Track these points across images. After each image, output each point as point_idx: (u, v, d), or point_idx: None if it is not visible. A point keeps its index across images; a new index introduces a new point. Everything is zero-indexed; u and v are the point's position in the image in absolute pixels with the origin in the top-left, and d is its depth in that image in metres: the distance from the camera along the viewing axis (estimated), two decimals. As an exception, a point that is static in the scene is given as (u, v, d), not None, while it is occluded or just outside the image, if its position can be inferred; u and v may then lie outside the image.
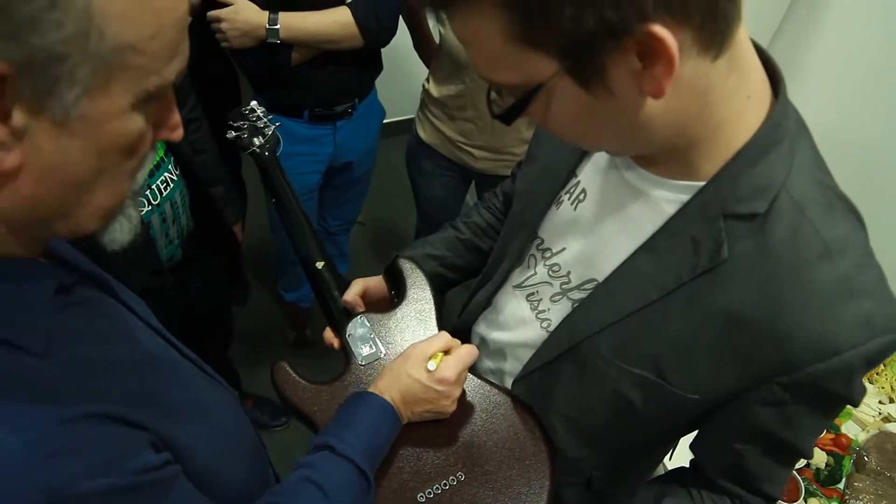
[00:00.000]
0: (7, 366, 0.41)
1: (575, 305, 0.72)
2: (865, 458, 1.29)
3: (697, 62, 0.49)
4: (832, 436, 1.33)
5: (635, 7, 0.43)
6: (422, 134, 1.75)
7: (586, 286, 0.71)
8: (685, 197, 0.60)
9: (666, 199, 0.61)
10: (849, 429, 1.37)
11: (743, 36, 0.53)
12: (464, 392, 0.85)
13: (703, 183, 0.58)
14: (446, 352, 0.82)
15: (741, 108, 0.55)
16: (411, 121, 1.85)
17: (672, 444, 0.89)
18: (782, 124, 0.55)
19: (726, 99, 0.53)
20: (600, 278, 0.69)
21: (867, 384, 1.45)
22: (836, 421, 1.37)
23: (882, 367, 1.46)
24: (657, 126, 0.52)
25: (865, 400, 1.42)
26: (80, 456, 0.40)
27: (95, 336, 0.51)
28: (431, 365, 0.79)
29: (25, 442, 0.38)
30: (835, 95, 1.64)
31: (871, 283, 0.55)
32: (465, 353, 0.81)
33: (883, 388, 1.43)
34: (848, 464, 1.30)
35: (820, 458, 1.29)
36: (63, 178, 0.41)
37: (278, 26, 1.37)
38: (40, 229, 0.44)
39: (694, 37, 0.46)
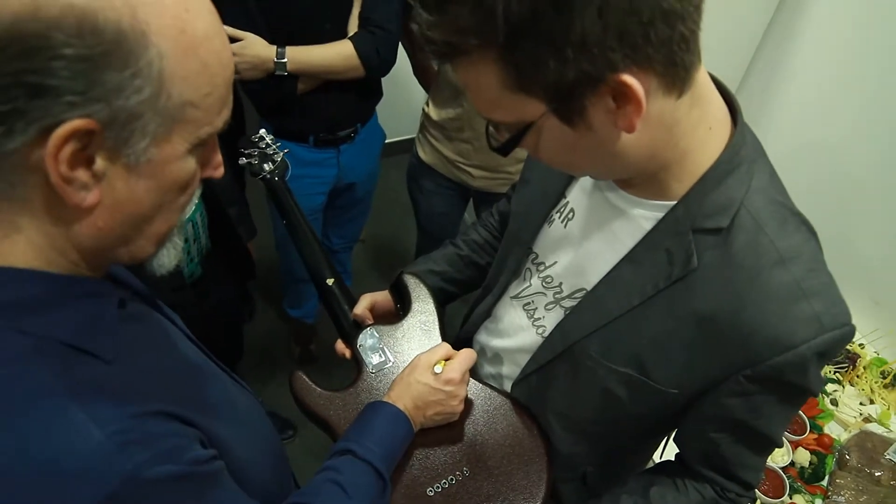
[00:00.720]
0: (87, 371, 0.48)
1: (567, 312, 0.80)
2: (847, 457, 1.36)
3: (663, 101, 0.57)
4: (815, 436, 1.40)
5: (607, 61, 0.51)
6: (422, 154, 1.83)
7: (576, 294, 0.79)
8: (660, 214, 0.68)
9: (643, 216, 0.70)
10: (831, 429, 1.45)
11: (703, 75, 0.62)
12: (467, 396, 0.92)
13: (674, 202, 0.66)
14: (447, 359, 0.90)
15: (704, 138, 0.63)
16: (410, 141, 1.93)
17: (658, 441, 0.96)
18: (740, 151, 0.64)
19: (690, 130, 0.62)
20: (589, 287, 0.77)
21: (848, 386, 1.52)
22: (819, 422, 1.44)
23: (862, 370, 1.54)
24: (631, 155, 0.61)
25: (847, 401, 1.50)
26: (148, 446, 0.47)
27: (149, 345, 0.59)
28: (437, 369, 0.87)
29: (106, 434, 0.45)
30: (813, 109, 1.74)
31: (820, 285, 0.63)
32: (466, 356, 0.90)
33: (863, 389, 1.51)
34: (831, 462, 1.37)
35: (804, 456, 1.36)
36: (129, 212, 0.49)
37: (286, 59, 1.46)
38: (106, 255, 0.52)
39: (658, 81, 0.55)
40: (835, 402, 1.48)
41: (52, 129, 0.41)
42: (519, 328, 0.91)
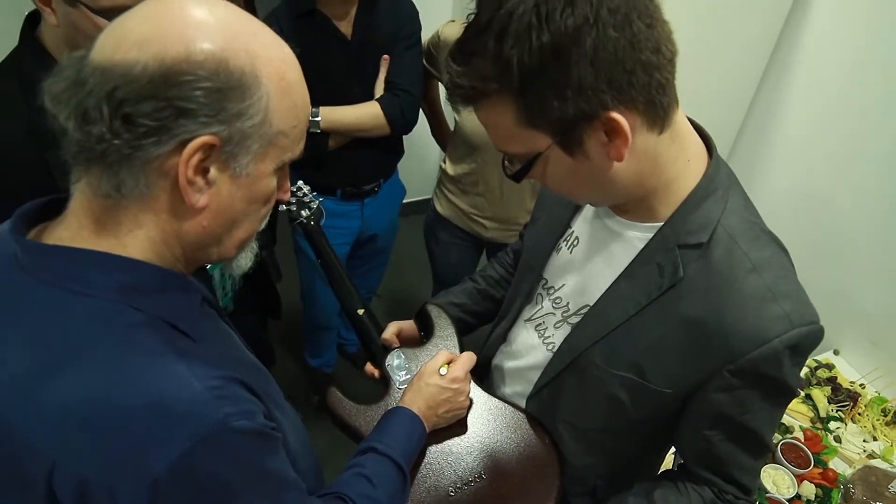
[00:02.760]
0: (183, 343, 0.59)
1: (573, 327, 0.91)
2: (851, 490, 1.41)
3: (647, 136, 0.70)
4: (820, 470, 1.45)
5: (599, 101, 0.65)
6: (439, 208, 1.97)
7: (581, 311, 0.90)
8: (649, 234, 0.80)
9: (636, 237, 0.81)
10: (836, 465, 1.49)
11: (681, 117, 0.75)
12: (485, 410, 1.02)
13: (661, 223, 0.78)
14: (449, 363, 1.01)
15: (684, 168, 0.76)
16: (424, 202, 2.08)
17: (662, 456, 1.04)
18: (715, 179, 0.76)
19: (672, 161, 0.74)
20: (591, 303, 0.87)
21: (851, 424, 1.58)
22: (824, 457, 1.49)
23: (863, 408, 1.60)
24: (622, 181, 0.73)
25: (850, 438, 1.55)
26: (234, 403, 0.57)
27: (219, 338, 0.70)
28: (443, 371, 0.98)
29: (203, 387, 0.55)
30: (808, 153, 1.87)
31: (789, 289, 0.74)
32: (466, 357, 1.02)
33: (865, 426, 1.56)
34: (836, 496, 1.41)
35: (809, 489, 1.41)
36: (226, 216, 0.61)
37: (319, 118, 1.63)
38: (201, 253, 0.64)
39: (641, 119, 0.68)
40: (838, 439, 1.53)
41: (187, 141, 0.54)
42: (531, 347, 1.01)
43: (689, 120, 0.79)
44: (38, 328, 0.56)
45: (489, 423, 1.01)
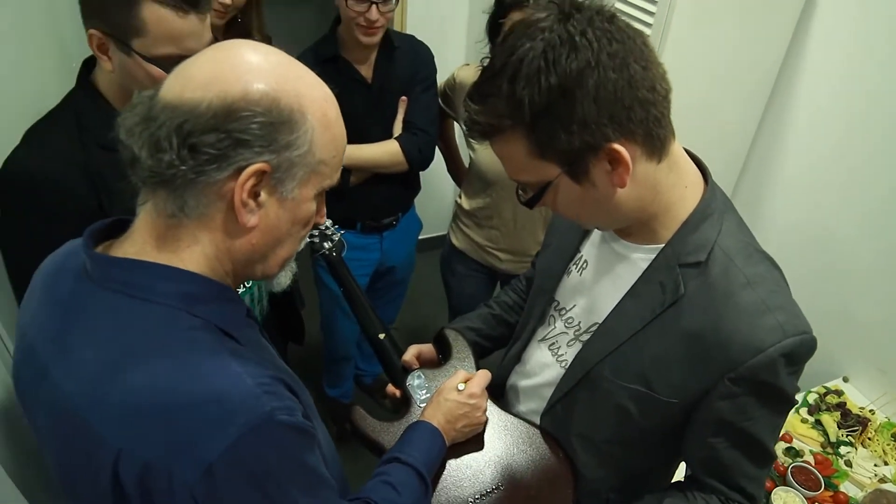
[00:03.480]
0: (234, 345, 0.67)
1: (584, 344, 0.97)
2: (864, 513, 1.43)
3: (646, 165, 0.78)
4: (831, 493, 1.47)
5: (602, 133, 0.73)
6: (455, 241, 2.05)
7: (591, 329, 0.96)
8: (652, 256, 0.87)
9: (640, 258, 0.88)
10: (847, 489, 1.51)
11: (678, 148, 0.83)
12: (502, 426, 1.07)
13: (662, 245, 0.85)
14: (467, 381, 1.07)
15: (682, 194, 0.83)
16: (439, 238, 2.15)
17: (672, 470, 1.08)
18: (711, 204, 0.84)
19: (670, 188, 0.82)
20: (600, 320, 0.94)
21: (861, 448, 1.60)
22: (835, 481, 1.51)
23: (873, 433, 1.62)
24: (625, 206, 0.81)
25: (861, 462, 1.57)
26: (278, 398, 0.64)
27: (261, 346, 0.78)
28: (461, 387, 1.04)
29: (254, 383, 0.62)
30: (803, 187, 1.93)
31: (782, 302, 0.80)
32: (482, 375, 1.08)
33: (875, 451, 1.59)
34: (848, 519, 1.44)
35: (822, 513, 1.43)
36: (272, 236, 0.69)
37: (342, 156, 1.72)
38: (248, 269, 0.72)
39: (641, 150, 0.76)
40: (849, 464, 1.56)
41: (243, 168, 0.62)
42: (544, 366, 1.07)
43: (686, 151, 0.87)
44: (107, 330, 0.64)
45: (506, 438, 1.07)
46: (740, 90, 1.85)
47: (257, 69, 0.64)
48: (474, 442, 1.06)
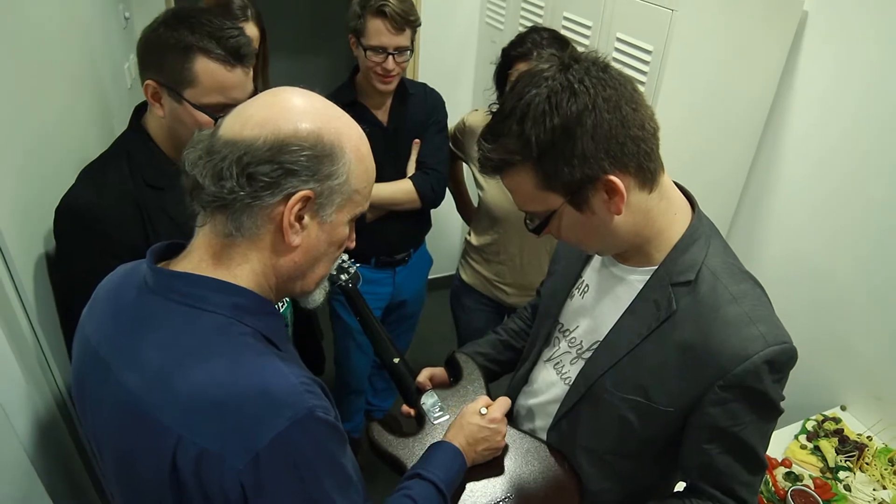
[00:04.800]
0: (277, 353, 0.76)
1: (586, 361, 1.05)
2: (864, 535, 1.47)
3: (639, 195, 0.88)
4: (831, 516, 1.52)
5: (599, 166, 0.83)
6: (464, 276, 2.15)
7: (593, 346, 1.05)
8: (647, 277, 0.96)
9: (637, 279, 0.98)
10: (847, 512, 1.56)
11: (667, 179, 0.93)
12: (511, 443, 1.15)
13: (656, 266, 0.95)
14: (488, 406, 1.14)
15: (672, 220, 0.93)
16: (447, 277, 2.23)
17: (671, 481, 1.15)
18: (699, 229, 0.94)
19: (661, 215, 0.92)
20: (601, 338, 1.02)
21: (859, 473, 1.65)
22: (835, 504, 1.56)
23: (871, 458, 1.67)
24: (622, 232, 0.91)
25: (860, 487, 1.62)
26: (316, 397, 0.73)
27: (291, 355, 0.86)
28: (483, 411, 1.11)
29: (298, 381, 0.71)
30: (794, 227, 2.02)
31: (764, 315, 0.89)
32: (503, 401, 1.15)
33: (873, 475, 1.63)
34: (849, 541, 1.48)
35: (822, 534, 1.48)
36: (311, 255, 0.79)
37: (358, 194, 1.84)
38: (288, 285, 0.81)
39: (634, 180, 0.86)
40: (848, 488, 1.60)
41: (291, 194, 0.73)
42: (550, 384, 1.15)
43: (675, 182, 0.97)
44: (167, 334, 0.73)
45: (514, 452, 1.14)
46: (733, 129, 1.97)
47: (304, 111, 0.75)
48: (490, 462, 1.13)
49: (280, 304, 1.52)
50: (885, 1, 1.66)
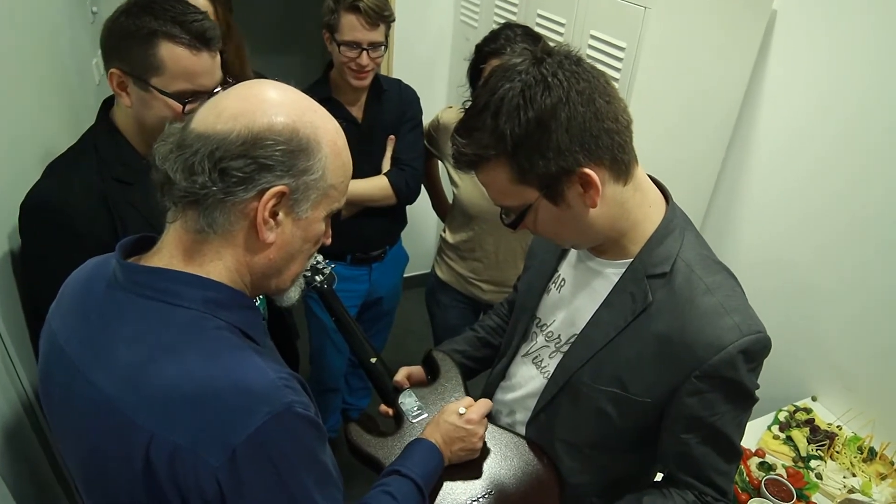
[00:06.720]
0: (254, 345, 0.74)
1: (564, 354, 1.05)
2: (834, 522, 1.50)
3: (614, 187, 0.88)
4: (803, 503, 1.55)
5: (574, 159, 0.83)
6: (439, 273, 2.14)
7: (571, 339, 1.05)
8: (622, 270, 0.96)
9: (613, 272, 0.98)
10: (819, 500, 1.59)
11: (641, 172, 0.93)
12: (490, 439, 1.14)
13: (631, 259, 0.95)
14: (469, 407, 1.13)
15: (647, 213, 0.94)
16: (423, 275, 2.23)
17: (650, 473, 1.15)
18: (673, 221, 0.94)
19: (636, 207, 0.92)
20: (579, 331, 1.03)
21: (830, 462, 1.69)
22: (807, 493, 1.59)
23: (841, 446, 1.71)
24: (597, 225, 0.91)
25: (831, 475, 1.65)
26: (295, 393, 0.71)
27: (270, 350, 0.85)
28: (462, 410, 1.10)
29: (275, 376, 0.69)
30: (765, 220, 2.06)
31: (738, 305, 0.90)
32: (483, 403, 1.14)
33: (844, 464, 1.67)
34: (821, 528, 1.51)
35: (794, 522, 1.50)
36: (286, 252, 0.78)
37: (333, 192, 1.82)
38: (263, 282, 0.80)
39: (608, 173, 0.86)
40: (819, 476, 1.64)
41: (265, 190, 0.71)
42: (529, 378, 1.15)
43: (649, 175, 0.97)
44: (138, 329, 0.71)
45: (493, 448, 1.14)
46: (705, 125, 2.00)
47: (279, 104, 0.73)
48: (468, 462, 1.12)
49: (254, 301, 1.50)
50: (850, 2, 1.70)
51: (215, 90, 1.15)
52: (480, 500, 1.06)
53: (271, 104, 0.73)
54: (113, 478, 0.71)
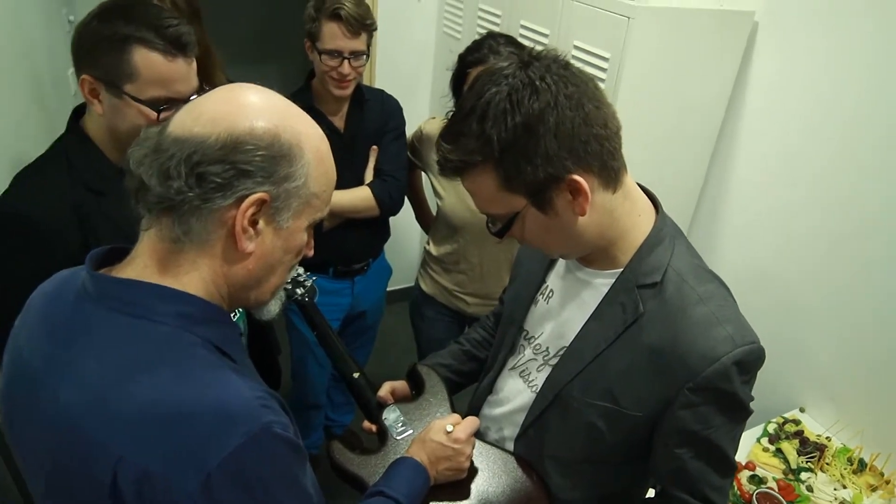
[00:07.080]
0: (230, 362, 0.70)
1: (553, 367, 1.02)
2: (826, 536, 1.48)
3: (603, 195, 0.86)
4: (795, 516, 1.53)
5: (562, 166, 0.80)
6: (423, 286, 2.10)
7: (559, 352, 1.02)
8: (612, 280, 0.94)
9: (602, 283, 0.95)
10: (809, 512, 1.57)
11: (630, 180, 0.91)
12: (477, 456, 1.10)
13: (621, 269, 0.92)
14: (456, 424, 1.09)
15: (636, 221, 0.91)
16: (406, 289, 2.19)
17: (642, 487, 1.12)
18: (663, 230, 0.92)
19: (626, 215, 0.90)
20: (567, 344, 1.00)
21: (820, 473, 1.67)
22: (798, 505, 1.57)
23: (831, 458, 1.69)
24: (587, 233, 0.88)
25: (822, 487, 1.63)
26: (273, 413, 0.67)
27: (252, 368, 0.80)
28: (449, 428, 1.06)
29: (253, 395, 0.65)
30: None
31: (731, 315, 0.87)
32: (471, 421, 1.10)
33: (833, 475, 1.65)
34: (813, 542, 1.48)
35: (786, 536, 1.48)
36: (266, 263, 0.74)
37: (314, 203, 1.78)
38: (242, 295, 0.76)
39: (598, 180, 0.84)
40: (810, 489, 1.62)
41: (244, 197, 0.67)
42: (517, 392, 1.12)
43: (638, 184, 0.95)
44: (109, 345, 0.67)
45: (481, 465, 1.10)
46: (689, 137, 2.00)
47: (261, 108, 0.70)
48: (455, 481, 1.08)
49: (233, 315, 1.45)
50: (830, 12, 1.71)
51: (191, 97, 1.11)
52: None
53: (252, 108, 0.69)
54: (78, 499, 0.66)
